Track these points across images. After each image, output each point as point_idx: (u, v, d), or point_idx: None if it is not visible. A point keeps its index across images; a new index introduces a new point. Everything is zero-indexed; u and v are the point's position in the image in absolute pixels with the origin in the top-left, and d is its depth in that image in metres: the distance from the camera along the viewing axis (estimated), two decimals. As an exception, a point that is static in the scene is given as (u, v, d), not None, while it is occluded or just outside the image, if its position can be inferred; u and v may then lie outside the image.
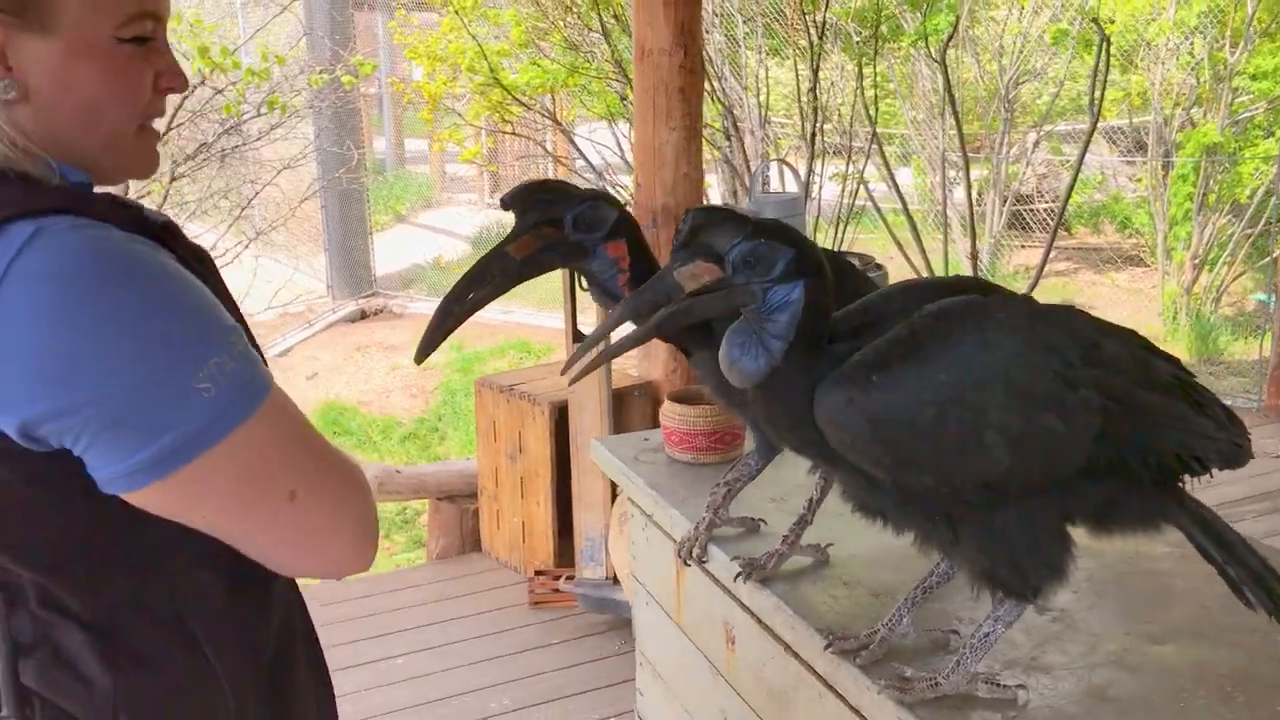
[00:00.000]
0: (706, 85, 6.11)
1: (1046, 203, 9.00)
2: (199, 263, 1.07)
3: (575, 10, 5.99)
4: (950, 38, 5.42)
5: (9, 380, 0.91)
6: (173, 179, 5.51)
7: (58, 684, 1.00)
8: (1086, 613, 1.61)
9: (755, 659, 1.77)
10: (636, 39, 4.01)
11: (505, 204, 1.54)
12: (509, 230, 1.54)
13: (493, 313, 9.67)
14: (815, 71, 5.43)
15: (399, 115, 14.55)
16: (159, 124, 1.13)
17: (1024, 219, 9.01)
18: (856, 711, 1.49)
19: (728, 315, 1.30)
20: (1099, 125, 9.08)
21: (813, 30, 5.35)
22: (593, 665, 3.56)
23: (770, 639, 1.71)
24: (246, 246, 5.97)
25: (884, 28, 6.18)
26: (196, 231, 6.49)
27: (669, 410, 2.22)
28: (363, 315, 10.09)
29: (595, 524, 3.77)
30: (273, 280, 8.96)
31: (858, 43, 5.99)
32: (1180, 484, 1.38)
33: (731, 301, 1.27)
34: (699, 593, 1.96)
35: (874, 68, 5.94)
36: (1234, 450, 1.36)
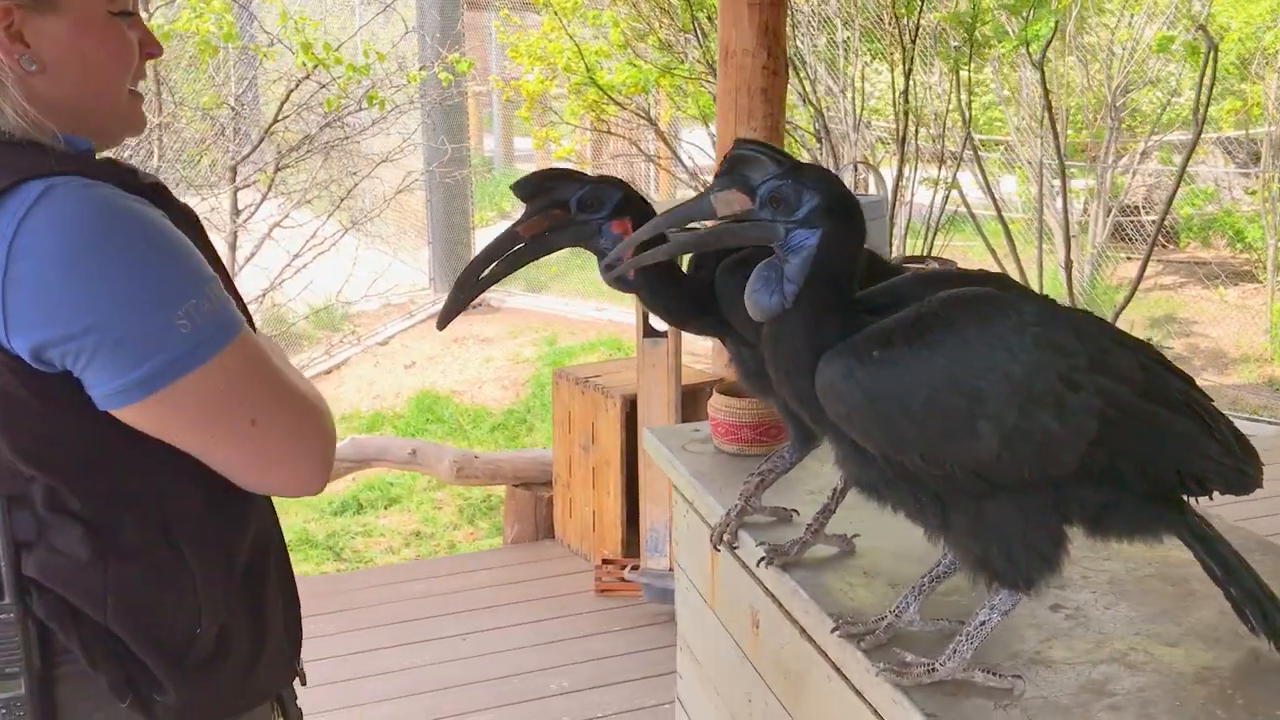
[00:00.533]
0: (800, 88, 6.13)
1: (1154, 215, 8.75)
2: (185, 220, 1.24)
3: (670, 12, 6.07)
4: (1048, 44, 5.35)
5: (25, 308, 1.08)
6: (277, 169, 5.75)
7: (55, 572, 1.16)
8: (1101, 612, 1.62)
9: (775, 642, 1.82)
10: (721, 40, 4.07)
11: (515, 191, 1.63)
12: None
13: (586, 310, 9.83)
14: (907, 76, 5.40)
15: (508, 113, 14.83)
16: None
17: (1130, 231, 8.78)
18: (859, 693, 1.53)
19: (751, 245, 1.37)
20: (1215, 136, 8.82)
21: (905, 35, 5.32)
22: (651, 653, 3.63)
23: (789, 623, 1.76)
24: (342, 235, 6.18)
25: (984, 32, 6.11)
26: (301, 220, 6.76)
27: (716, 402, 2.27)
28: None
29: (660, 515, 3.84)
30: (380, 271, 9.26)
31: (956, 48, 5.94)
32: (1183, 500, 1.39)
33: (756, 233, 1.32)
34: (730, 578, 2.01)
35: (969, 73, 5.87)
36: (1238, 476, 1.36)
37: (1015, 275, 6.09)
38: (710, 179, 4.49)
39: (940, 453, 1.28)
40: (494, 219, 12.77)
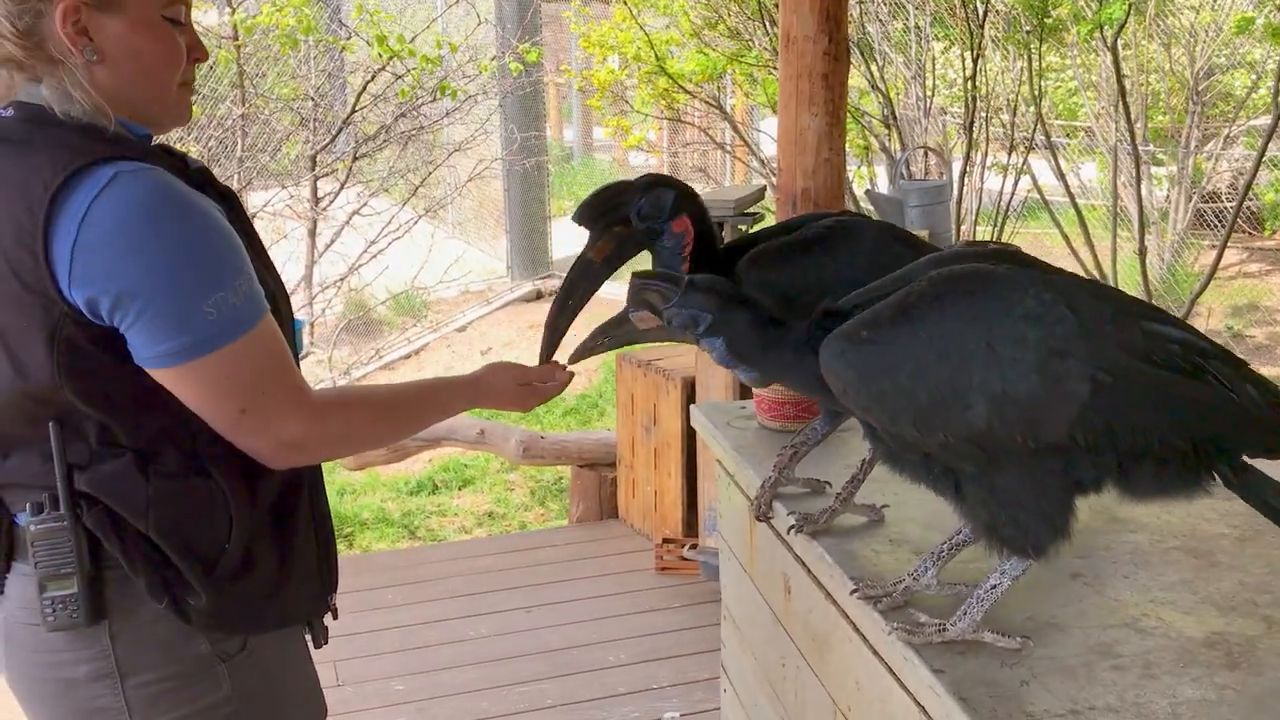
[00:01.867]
0: (869, 75, 6.13)
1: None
2: (225, 201, 1.42)
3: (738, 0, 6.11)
4: (1121, 27, 5.27)
5: (88, 269, 1.27)
6: (355, 158, 5.93)
7: (106, 487, 1.36)
8: (1120, 581, 1.66)
9: (804, 606, 1.89)
10: (783, 26, 4.10)
11: (577, 221, 1.78)
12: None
13: (660, 297, 9.91)
14: (975, 60, 5.37)
15: (586, 103, 14.96)
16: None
17: (1213, 218, 8.58)
18: (875, 652, 1.59)
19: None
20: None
21: (972, 19, 5.30)
22: (706, 629, 3.70)
23: (816, 587, 1.82)
24: (415, 223, 6.34)
25: (1059, 16, 6.04)
26: (381, 207, 6.95)
27: (762, 380, 2.34)
28: (538, 295, 10.47)
29: (718, 496, 3.90)
30: (460, 259, 9.45)
31: (1026, 31, 5.88)
32: (1211, 464, 1.38)
33: (675, 338, 1.58)
34: (766, 546, 2.08)
35: (1040, 58, 5.81)
36: (1270, 437, 1.36)
37: (1089, 263, 6.02)
38: (776, 163, 4.43)
39: (932, 423, 1.35)
40: (571, 208, 12.89)
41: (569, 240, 11.30)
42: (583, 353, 1.69)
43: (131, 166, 1.28)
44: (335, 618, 1.63)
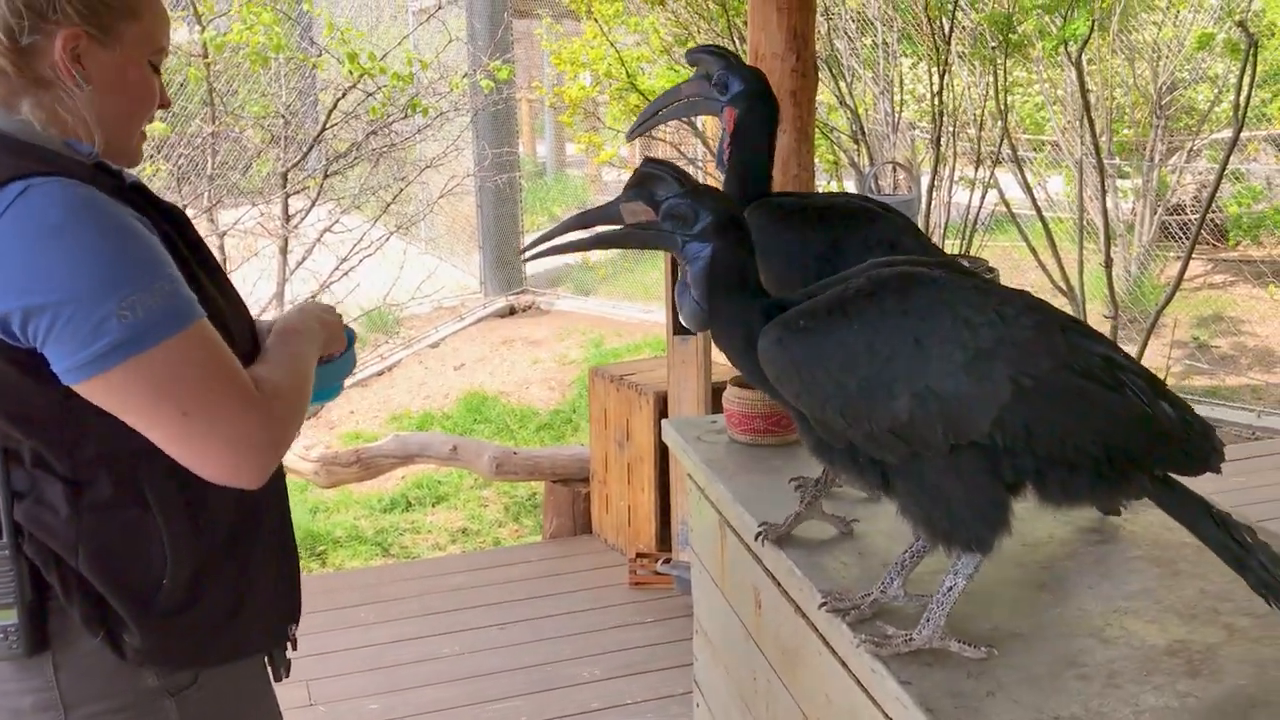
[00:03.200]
0: (837, 91, 6.19)
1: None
2: (169, 219, 1.41)
3: (708, 17, 6.15)
4: (1084, 43, 5.35)
5: None
6: (326, 176, 5.92)
7: (39, 521, 1.33)
8: (1084, 592, 1.68)
9: (775, 620, 1.90)
10: (751, 43, 4.14)
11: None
12: None
13: (633, 312, 9.94)
14: (941, 75, 5.43)
15: (559, 119, 15.00)
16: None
17: (1177, 230, 8.70)
18: (844, 665, 1.61)
19: (651, 249, 1.56)
20: (1265, 133, 8.71)
21: (938, 35, 5.36)
22: (681, 643, 3.70)
23: (786, 601, 1.84)
24: (387, 239, 6.34)
25: (1024, 31, 6.12)
26: (353, 224, 6.93)
27: (730, 394, 2.35)
28: (511, 311, 10.48)
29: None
30: (433, 275, 9.43)
31: (992, 47, 5.96)
32: (1132, 473, 1.43)
33: (657, 241, 1.51)
34: (737, 560, 2.09)
35: (1005, 73, 5.88)
36: (1181, 457, 1.41)
37: (1056, 275, 6.09)
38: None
39: (858, 413, 1.40)
40: (546, 224, 12.95)
41: (543, 257, 11.31)
42: (547, 243, 1.56)
43: (43, 180, 1.26)
44: (294, 648, 1.59)
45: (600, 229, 1.53)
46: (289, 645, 1.58)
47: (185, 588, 1.37)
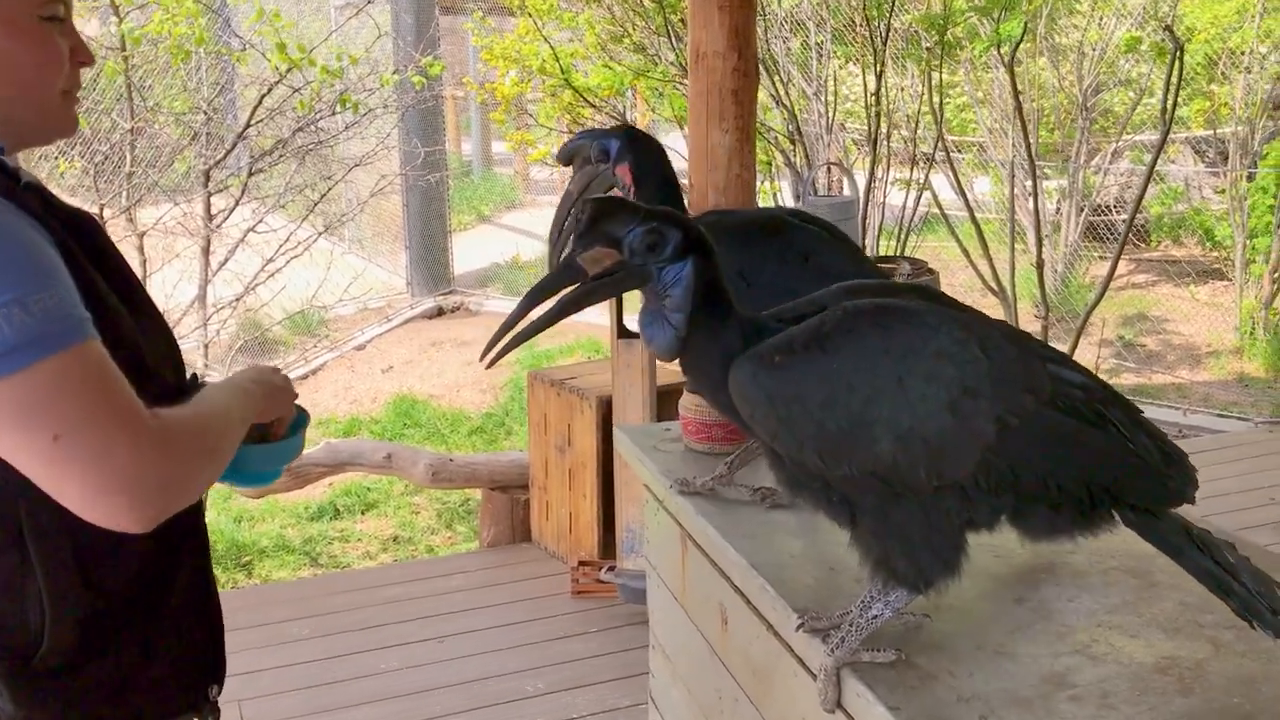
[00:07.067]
0: (773, 90, 6.15)
1: (1126, 214, 8.82)
2: (71, 226, 1.24)
3: (644, 15, 6.09)
4: (1018, 45, 5.39)
5: None
6: (250, 174, 5.73)
7: None
8: (1064, 605, 1.64)
9: (744, 638, 1.83)
10: (692, 42, 4.07)
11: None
12: None
13: (566, 313, 9.84)
14: (878, 77, 5.43)
15: (486, 117, 14.80)
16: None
17: (1102, 230, 8.86)
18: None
19: (629, 292, 1.44)
20: (1184, 135, 8.90)
21: (877, 37, 5.35)
22: (627, 654, 3.63)
23: (756, 619, 1.77)
24: (315, 240, 6.16)
25: (956, 34, 6.15)
26: (278, 224, 6.73)
27: (687, 402, 2.29)
28: (440, 312, 10.31)
29: (636, 516, 3.84)
30: (360, 276, 9.22)
31: (926, 49, 5.98)
32: (1100, 511, 1.40)
33: (630, 281, 1.40)
34: (699, 575, 2.02)
35: (940, 74, 5.91)
36: (1158, 490, 1.38)
37: (988, 275, 6.13)
38: (687, 181, 4.44)
39: (838, 454, 1.33)
40: (473, 223, 12.76)
41: (472, 256, 11.16)
42: (510, 333, 1.44)
43: None
44: (216, 716, 1.40)
45: (565, 293, 1.41)
46: (210, 711, 1.39)
47: (70, 650, 1.21)
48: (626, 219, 1.38)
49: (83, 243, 1.23)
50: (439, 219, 10.48)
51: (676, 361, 1.47)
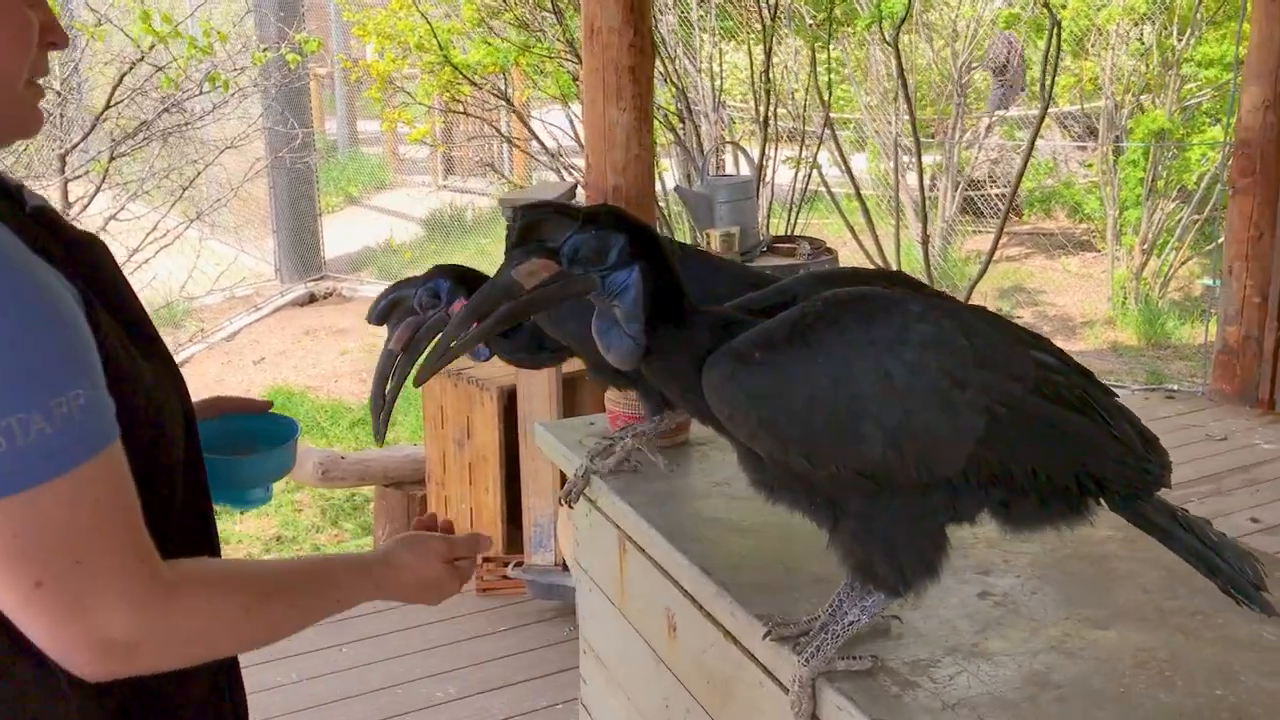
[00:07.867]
0: (660, 68, 6.06)
1: (1000, 188, 9.04)
2: (85, 251, 1.03)
3: (528, -11, 5.93)
4: (903, 21, 5.41)
5: None
6: (112, 158, 5.38)
7: None
8: (1029, 598, 1.60)
9: (696, 646, 1.74)
10: (585, 17, 3.95)
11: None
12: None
13: (445, 296, 9.61)
14: (768, 55, 5.39)
15: (352, 95, 14.34)
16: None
17: (977, 204, 9.06)
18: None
19: (570, 302, 1.34)
20: (1053, 111, 9.15)
21: (765, 13, 5.31)
22: (540, 652, 3.52)
23: (711, 626, 1.68)
24: (187, 227, 5.83)
25: (838, 11, 6.16)
26: (140, 212, 6.35)
27: (612, 394, 2.18)
28: (311, 299, 9.96)
29: (544, 510, 3.73)
30: (221, 263, 8.81)
31: (811, 26, 5.96)
32: (1090, 500, 1.36)
33: (571, 291, 1.30)
34: (641, 579, 1.92)
35: (828, 52, 5.91)
36: (1141, 476, 1.34)
37: (873, 251, 6.18)
38: (573, 159, 4.33)
39: (826, 454, 1.25)
40: (341, 205, 12.36)
41: (343, 239, 10.80)
42: (445, 348, 1.34)
43: None
44: None
45: (503, 308, 1.28)
46: None
47: None
48: (560, 226, 1.28)
49: (94, 277, 1.00)
50: (307, 201, 10.11)
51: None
